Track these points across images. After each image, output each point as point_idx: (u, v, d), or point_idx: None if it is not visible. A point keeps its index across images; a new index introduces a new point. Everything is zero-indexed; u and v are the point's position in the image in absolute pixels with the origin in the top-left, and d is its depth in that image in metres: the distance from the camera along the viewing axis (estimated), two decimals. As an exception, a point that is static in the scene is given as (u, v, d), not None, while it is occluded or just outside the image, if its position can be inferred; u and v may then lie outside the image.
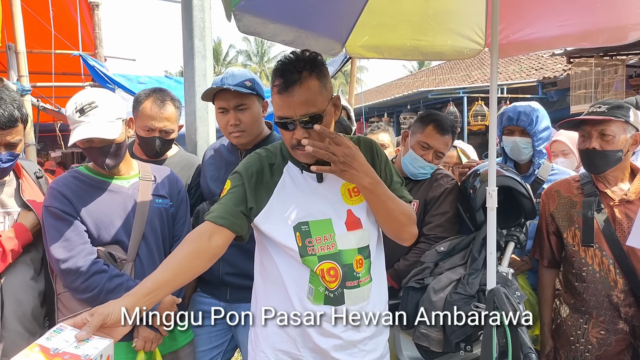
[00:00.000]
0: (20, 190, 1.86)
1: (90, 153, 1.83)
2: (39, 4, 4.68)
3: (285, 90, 1.42)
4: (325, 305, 1.51)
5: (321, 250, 1.52)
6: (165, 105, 2.21)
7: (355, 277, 1.55)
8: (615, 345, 1.97)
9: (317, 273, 1.51)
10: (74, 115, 1.77)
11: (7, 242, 1.73)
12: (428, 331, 1.88)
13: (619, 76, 8.89)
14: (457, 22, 2.26)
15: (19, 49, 3.72)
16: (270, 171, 1.58)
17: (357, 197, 1.60)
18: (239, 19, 1.81)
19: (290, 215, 1.54)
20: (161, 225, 1.93)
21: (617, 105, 1.98)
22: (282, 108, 1.45)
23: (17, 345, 1.73)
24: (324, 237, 1.53)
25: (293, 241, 1.52)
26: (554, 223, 2.14)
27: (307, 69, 1.44)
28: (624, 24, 1.93)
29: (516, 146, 2.31)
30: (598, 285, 1.99)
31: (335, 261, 1.52)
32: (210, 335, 2.10)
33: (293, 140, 1.48)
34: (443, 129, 2.21)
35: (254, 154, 1.62)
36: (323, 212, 1.55)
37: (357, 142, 1.63)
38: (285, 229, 1.53)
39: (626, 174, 2.05)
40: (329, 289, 1.51)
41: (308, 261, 1.51)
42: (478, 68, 14.95)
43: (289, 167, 1.58)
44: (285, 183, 1.57)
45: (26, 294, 1.79)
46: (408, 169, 2.28)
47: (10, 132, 1.73)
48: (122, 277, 1.77)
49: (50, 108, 4.68)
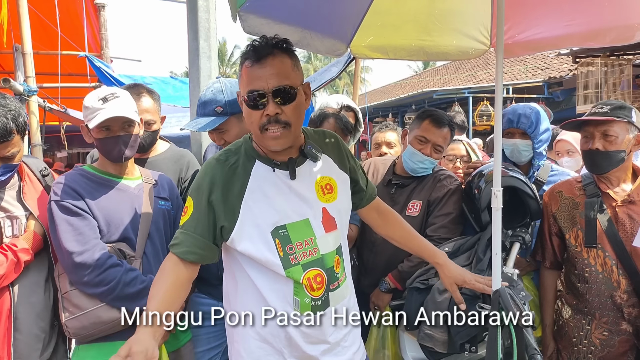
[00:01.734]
0: (21, 194, 1.87)
1: (107, 143, 1.83)
2: (46, 6, 4.71)
3: (257, 62, 1.37)
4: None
5: (304, 257, 1.45)
6: (140, 98, 2.22)
7: (336, 278, 1.51)
8: (619, 347, 1.96)
9: (302, 283, 1.44)
10: (96, 103, 1.78)
11: (22, 253, 1.75)
12: (432, 332, 1.87)
13: (625, 76, 8.83)
14: (462, 22, 2.25)
15: (26, 50, 3.74)
16: (234, 177, 1.45)
17: (330, 195, 1.55)
18: (244, 19, 1.81)
19: (266, 221, 1.44)
20: (164, 225, 1.96)
21: (619, 105, 1.97)
22: (253, 80, 1.37)
23: (30, 347, 1.75)
24: (305, 242, 1.46)
25: (274, 252, 1.43)
26: (557, 224, 2.13)
27: (279, 47, 1.40)
28: (630, 24, 1.91)
29: (516, 148, 2.30)
30: (601, 286, 1.98)
31: (319, 267, 1.47)
32: (208, 336, 2.10)
33: (263, 119, 1.37)
34: (439, 122, 2.22)
35: (209, 162, 1.49)
36: (299, 212, 1.47)
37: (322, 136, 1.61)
38: (262, 238, 1.43)
39: (628, 175, 2.05)
40: (314, 298, 1.46)
41: (292, 272, 1.43)
42: (483, 68, 14.90)
43: (256, 168, 1.47)
44: (254, 187, 1.45)
45: (37, 295, 1.81)
46: (408, 164, 2.28)
47: (5, 146, 1.72)
48: (136, 271, 1.78)
49: (57, 109, 4.70)
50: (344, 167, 1.62)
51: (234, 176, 1.45)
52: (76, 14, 5.25)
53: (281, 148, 1.42)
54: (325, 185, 1.54)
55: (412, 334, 2.03)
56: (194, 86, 2.60)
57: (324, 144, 1.60)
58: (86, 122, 1.82)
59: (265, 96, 1.37)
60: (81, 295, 1.74)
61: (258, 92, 1.36)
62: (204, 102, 2.04)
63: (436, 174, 2.31)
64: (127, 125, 1.85)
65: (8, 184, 1.87)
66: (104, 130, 1.80)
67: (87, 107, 1.81)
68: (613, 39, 1.97)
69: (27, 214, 1.86)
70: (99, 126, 1.78)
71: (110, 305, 1.72)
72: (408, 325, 2.02)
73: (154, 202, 1.94)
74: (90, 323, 1.70)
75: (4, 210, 1.82)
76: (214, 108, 2.00)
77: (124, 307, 1.59)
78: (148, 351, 1.14)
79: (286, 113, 1.38)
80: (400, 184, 2.31)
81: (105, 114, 1.77)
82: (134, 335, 1.20)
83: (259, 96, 1.36)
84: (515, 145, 2.30)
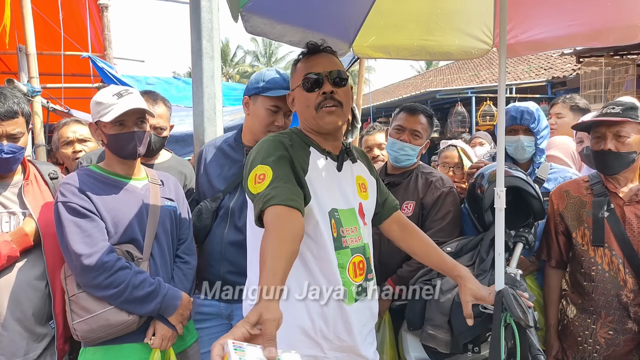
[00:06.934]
0: (22, 192, 1.87)
1: (121, 139, 1.82)
2: (49, 6, 4.72)
3: (314, 53, 1.58)
4: (355, 303, 1.51)
5: (352, 243, 1.52)
6: (157, 103, 2.29)
7: (371, 270, 1.60)
8: (624, 346, 1.96)
9: (347, 268, 1.48)
10: (111, 98, 1.80)
11: (2, 246, 1.74)
12: (435, 332, 1.87)
13: (629, 75, 8.78)
14: (464, 22, 2.24)
15: (30, 50, 3.75)
16: (296, 153, 1.49)
17: (365, 193, 1.64)
18: (247, 19, 1.81)
19: (325, 201, 1.49)
20: (171, 226, 1.95)
21: (630, 106, 1.98)
22: (312, 66, 1.55)
23: (15, 344, 1.73)
24: (351, 228, 1.53)
25: (329, 231, 1.47)
26: (563, 223, 2.13)
27: (331, 51, 1.62)
28: (633, 23, 1.91)
29: (520, 145, 2.32)
30: (607, 284, 1.98)
31: (362, 254, 1.55)
32: (210, 337, 2.10)
33: (319, 97, 1.52)
34: (412, 110, 2.33)
35: (268, 138, 1.52)
36: (347, 201, 1.56)
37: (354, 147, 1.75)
38: (323, 216, 1.47)
39: (636, 175, 2.05)
40: (356, 285, 1.51)
41: (342, 254, 1.48)
42: (486, 68, 14.87)
43: (312, 152, 1.56)
44: (314, 167, 1.52)
45: (27, 294, 1.78)
46: (391, 155, 2.36)
47: (10, 124, 1.77)
48: (145, 273, 1.78)
49: (60, 109, 4.71)
50: (372, 174, 1.76)
51: (298, 153, 1.51)
52: (79, 15, 5.26)
53: (334, 126, 1.54)
54: (361, 183, 1.65)
55: (414, 335, 2.03)
56: (197, 86, 2.60)
57: (357, 151, 1.75)
58: (98, 117, 1.81)
59: (322, 78, 1.52)
60: (89, 298, 1.72)
61: (316, 74, 1.53)
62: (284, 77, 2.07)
63: (428, 175, 2.32)
64: (140, 122, 1.86)
65: (12, 184, 1.87)
66: (117, 126, 1.81)
67: (101, 103, 1.80)
68: (616, 39, 1.97)
69: (26, 212, 1.85)
70: (115, 120, 1.78)
71: (118, 308, 1.71)
72: (411, 326, 2.02)
73: (161, 203, 1.93)
74: (99, 326, 1.69)
75: (4, 207, 1.83)
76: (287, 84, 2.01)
77: None
78: (279, 319, 1.03)
79: (339, 94, 1.52)
80: (392, 183, 2.32)
81: (122, 107, 1.78)
82: (260, 302, 1.05)
83: (316, 78, 1.52)
84: (519, 142, 2.32)
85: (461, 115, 11.57)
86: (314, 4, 1.99)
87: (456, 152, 2.83)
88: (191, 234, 2.05)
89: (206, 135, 2.58)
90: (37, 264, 1.83)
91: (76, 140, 2.63)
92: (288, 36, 2.01)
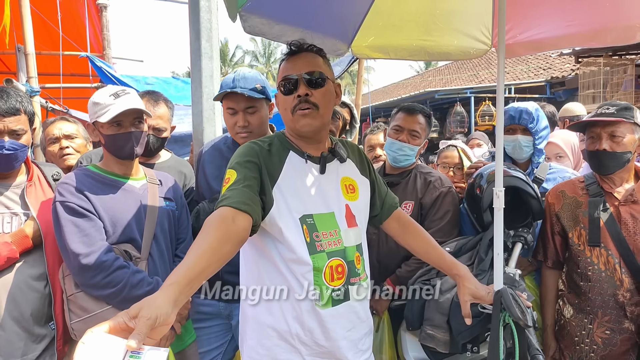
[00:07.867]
0: (25, 193, 1.87)
1: (118, 139, 1.82)
2: (48, 6, 4.72)
3: (293, 54, 1.54)
4: (332, 307, 1.49)
5: (329, 246, 1.50)
6: (158, 104, 2.28)
7: (357, 274, 1.56)
8: (621, 345, 1.96)
9: (324, 272, 1.47)
10: (108, 99, 1.79)
11: (2, 247, 1.73)
12: (434, 332, 1.87)
13: (628, 76, 8.80)
14: (463, 22, 2.25)
15: (28, 50, 3.75)
16: (271, 159, 1.51)
17: (353, 194, 1.62)
18: (245, 19, 1.81)
19: (296, 207, 1.48)
20: (169, 226, 1.95)
21: (625, 106, 1.99)
22: (287, 69, 1.52)
23: (12, 345, 1.72)
24: (330, 232, 1.51)
25: (300, 236, 1.46)
26: (559, 223, 2.13)
27: (313, 50, 1.57)
28: (632, 24, 1.91)
29: (518, 144, 2.33)
30: (604, 284, 1.98)
31: (342, 258, 1.52)
32: (209, 337, 2.10)
33: (294, 101, 1.49)
34: (410, 110, 2.32)
35: (247, 145, 1.55)
36: (326, 205, 1.54)
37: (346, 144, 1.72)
38: (291, 222, 1.47)
39: (631, 175, 2.07)
40: (334, 289, 1.49)
41: (317, 258, 1.47)
42: (485, 68, 14.88)
43: (290, 157, 1.55)
44: (288, 173, 1.51)
45: (25, 295, 1.77)
46: (389, 156, 2.35)
47: (12, 120, 1.76)
48: (143, 273, 1.78)
49: (59, 109, 4.71)
50: (365, 173, 1.72)
51: (271, 159, 1.52)
52: (78, 15, 5.26)
53: (309, 129, 1.51)
54: (348, 185, 1.62)
55: (413, 334, 2.03)
56: (195, 86, 2.60)
57: (349, 150, 1.72)
58: (95, 118, 1.81)
59: (297, 80, 1.50)
60: (87, 297, 1.72)
61: (291, 76, 1.50)
62: (244, 77, 2.06)
63: (427, 175, 2.32)
64: (138, 122, 1.86)
65: (15, 183, 1.87)
66: (115, 126, 1.81)
67: (98, 103, 1.81)
68: (614, 39, 1.97)
69: (28, 213, 1.85)
70: (112, 121, 1.78)
71: (117, 307, 1.71)
72: (410, 326, 2.02)
73: (159, 203, 1.93)
74: None
75: (6, 207, 1.82)
76: (254, 84, 2.04)
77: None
78: (158, 318, 0.93)
79: (315, 96, 1.50)
80: (391, 183, 2.32)
81: (119, 108, 1.78)
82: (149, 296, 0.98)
83: (291, 81, 1.50)
84: (517, 141, 2.33)
85: (460, 115, 11.56)
86: (313, 4, 1.99)
87: (456, 152, 2.83)
88: (190, 233, 2.05)
89: (205, 135, 2.58)
90: (36, 264, 1.82)
91: (62, 137, 2.54)
92: (286, 36, 2.00)
